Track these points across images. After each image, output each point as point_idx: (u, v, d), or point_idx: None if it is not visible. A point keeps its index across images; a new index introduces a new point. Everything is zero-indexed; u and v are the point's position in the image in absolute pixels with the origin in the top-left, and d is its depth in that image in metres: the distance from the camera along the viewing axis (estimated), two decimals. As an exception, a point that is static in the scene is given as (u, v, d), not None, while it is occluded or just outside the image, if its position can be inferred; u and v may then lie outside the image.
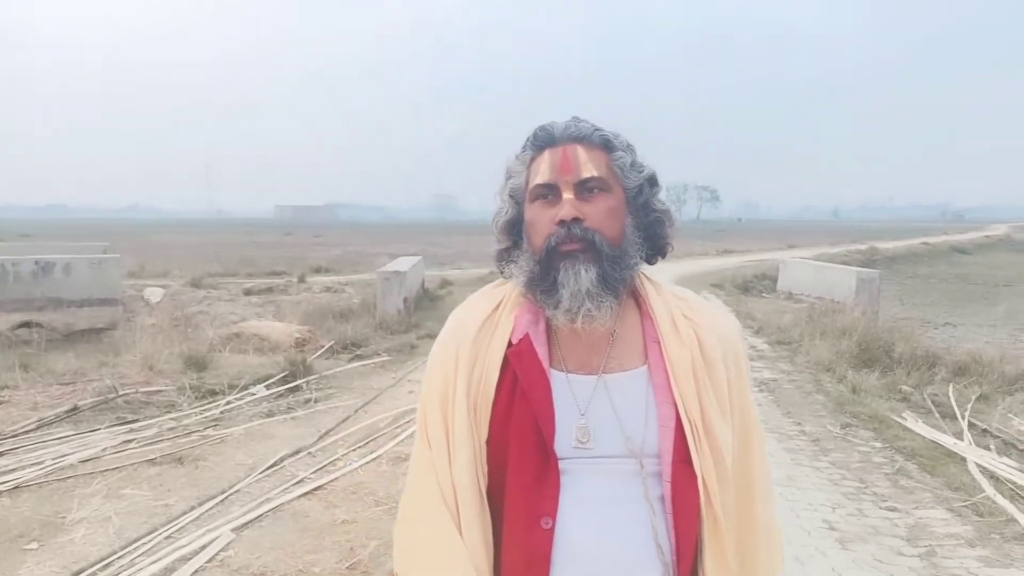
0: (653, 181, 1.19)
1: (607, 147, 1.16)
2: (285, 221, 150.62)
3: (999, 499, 4.41)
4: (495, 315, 1.20)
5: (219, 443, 5.38)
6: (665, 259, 1.25)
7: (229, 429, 5.70)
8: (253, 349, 8.54)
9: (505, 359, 1.15)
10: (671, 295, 1.22)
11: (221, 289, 14.74)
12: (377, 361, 8.54)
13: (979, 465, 4.98)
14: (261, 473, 4.78)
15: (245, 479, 4.67)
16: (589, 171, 1.13)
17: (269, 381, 7.04)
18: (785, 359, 9.02)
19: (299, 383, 7.12)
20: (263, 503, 4.29)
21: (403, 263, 13.23)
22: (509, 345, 1.16)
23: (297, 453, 5.19)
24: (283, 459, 5.04)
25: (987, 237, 53.18)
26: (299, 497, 4.40)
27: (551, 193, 1.14)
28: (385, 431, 5.74)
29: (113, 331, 9.82)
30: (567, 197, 1.12)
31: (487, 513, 1.13)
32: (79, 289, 10.09)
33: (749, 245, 38.97)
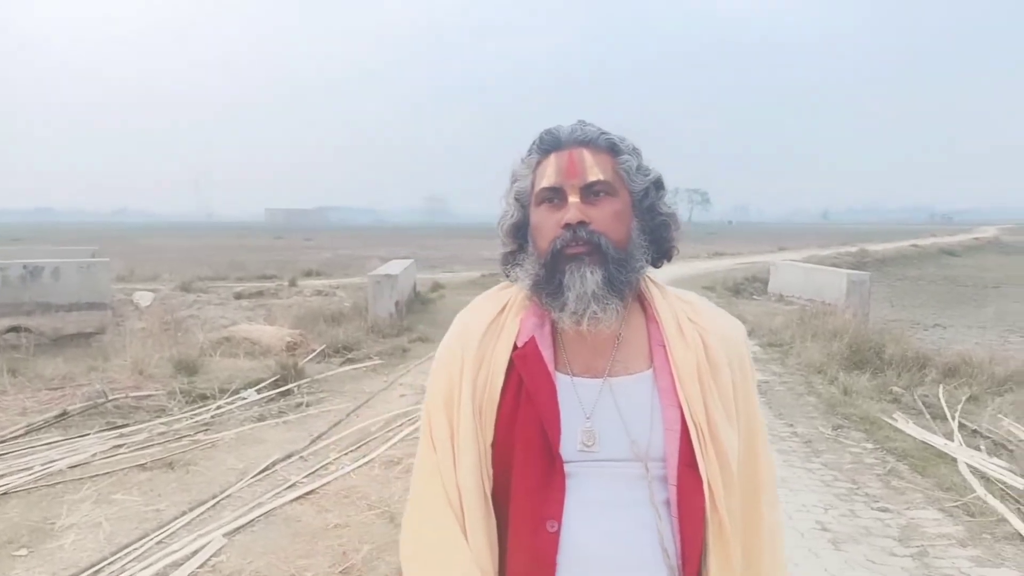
0: (659, 184, 1.19)
1: (613, 151, 1.16)
2: (276, 224, 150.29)
3: (990, 499, 4.44)
4: (500, 318, 1.20)
5: (210, 448, 5.36)
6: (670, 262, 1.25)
7: (220, 433, 5.67)
8: (244, 353, 8.50)
9: (510, 362, 1.15)
10: (676, 298, 1.22)
11: (211, 293, 14.69)
12: (369, 365, 8.51)
13: (969, 465, 5.01)
14: (253, 477, 4.75)
15: (236, 484, 4.64)
16: (595, 175, 1.13)
17: (260, 385, 7.01)
18: (776, 361, 9.05)
19: (290, 387, 7.09)
20: (255, 508, 4.26)
21: (395, 266, 13.20)
22: (514, 348, 1.16)
23: (289, 457, 5.17)
24: (275, 463, 5.02)
25: (976, 239, 53.52)
26: (291, 501, 4.37)
27: (557, 197, 1.14)
28: (377, 435, 5.73)
29: (102, 335, 9.77)
30: (573, 201, 1.12)
31: (492, 516, 1.12)
32: (68, 293, 10.03)
33: (740, 248, 39.11)
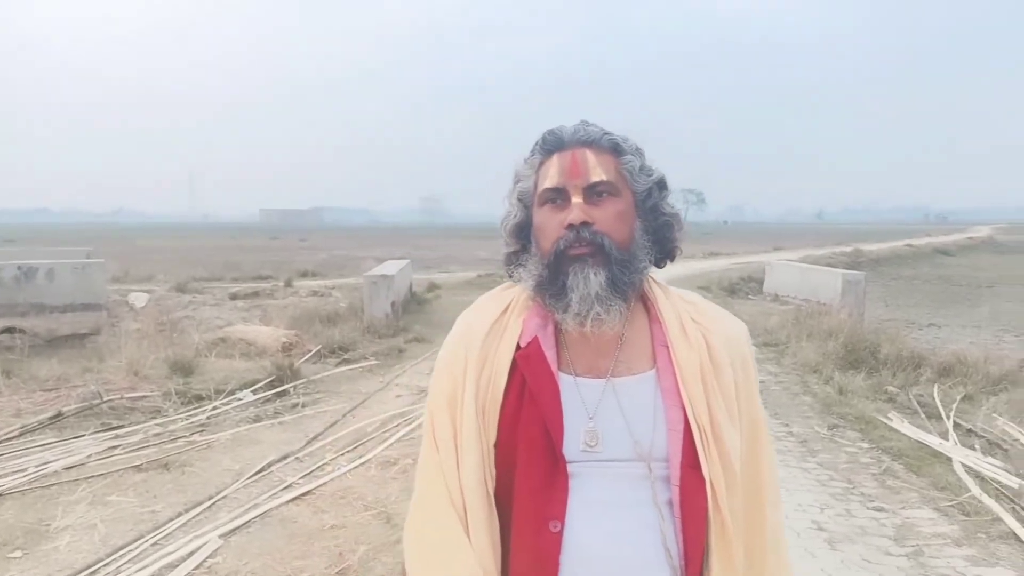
0: (662, 185, 1.20)
1: (616, 151, 1.16)
2: (271, 225, 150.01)
3: (984, 499, 4.45)
4: (504, 318, 1.20)
5: (206, 449, 5.34)
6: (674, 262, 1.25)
7: (216, 434, 5.66)
8: (239, 354, 8.49)
9: (514, 362, 1.15)
10: (679, 298, 1.22)
11: (207, 294, 14.64)
12: (365, 365, 8.51)
13: (964, 465, 5.02)
14: (248, 479, 4.75)
15: (232, 485, 4.63)
16: (598, 175, 1.13)
17: (256, 386, 6.99)
18: (772, 361, 9.07)
19: (286, 388, 7.08)
20: (251, 509, 4.25)
21: (391, 266, 13.19)
22: (518, 348, 1.16)
23: (285, 458, 5.16)
24: (271, 464, 5.01)
25: (970, 239, 53.67)
26: (287, 502, 4.37)
27: (560, 197, 1.14)
28: (373, 435, 5.72)
29: (97, 336, 9.73)
30: (576, 201, 1.12)
31: (495, 516, 1.12)
32: (62, 294, 9.99)
33: (735, 248, 39.16)
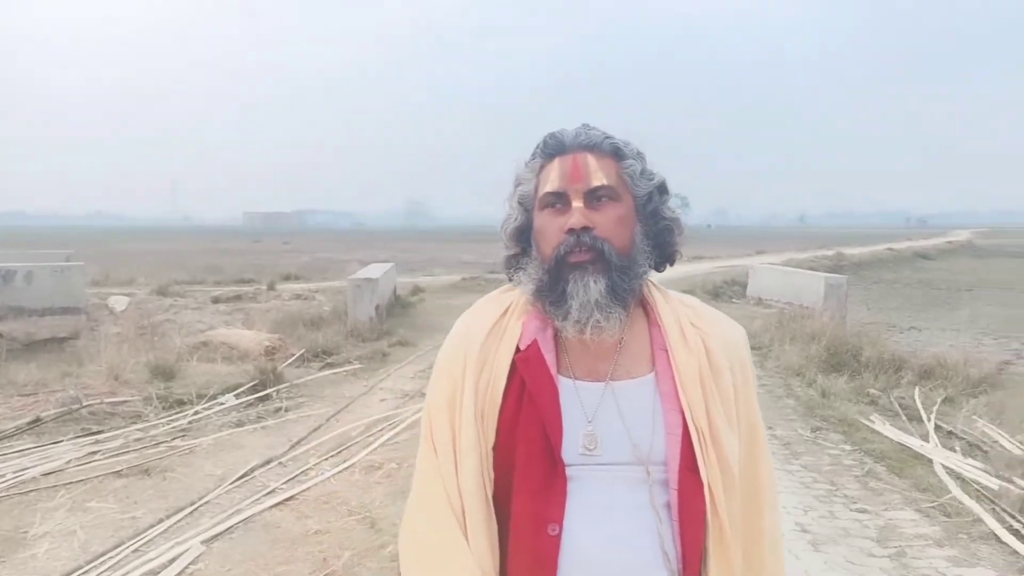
0: (663, 189, 1.20)
1: (617, 155, 1.16)
2: (254, 228, 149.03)
3: (965, 500, 4.49)
4: (503, 320, 1.20)
5: (187, 454, 5.29)
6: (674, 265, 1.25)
7: (198, 439, 5.60)
8: (222, 358, 8.41)
9: (513, 365, 1.15)
10: (678, 303, 1.22)
11: (188, 297, 14.51)
12: (349, 369, 8.46)
13: (945, 466, 5.07)
14: (231, 484, 4.70)
15: (215, 490, 4.59)
16: (599, 179, 1.13)
17: (238, 390, 6.93)
18: (756, 364, 8.96)
19: (269, 392, 7.02)
20: (233, 514, 4.21)
21: (375, 270, 13.13)
22: (517, 351, 1.16)
23: (268, 463, 5.12)
24: (253, 469, 4.96)
25: (949, 243, 54.22)
26: (270, 508, 4.33)
27: (560, 201, 1.14)
28: (357, 440, 5.69)
29: (76, 340, 9.60)
30: (577, 206, 1.12)
31: (493, 519, 1.12)
32: (41, 298, 9.85)
33: (719, 251, 39.36)
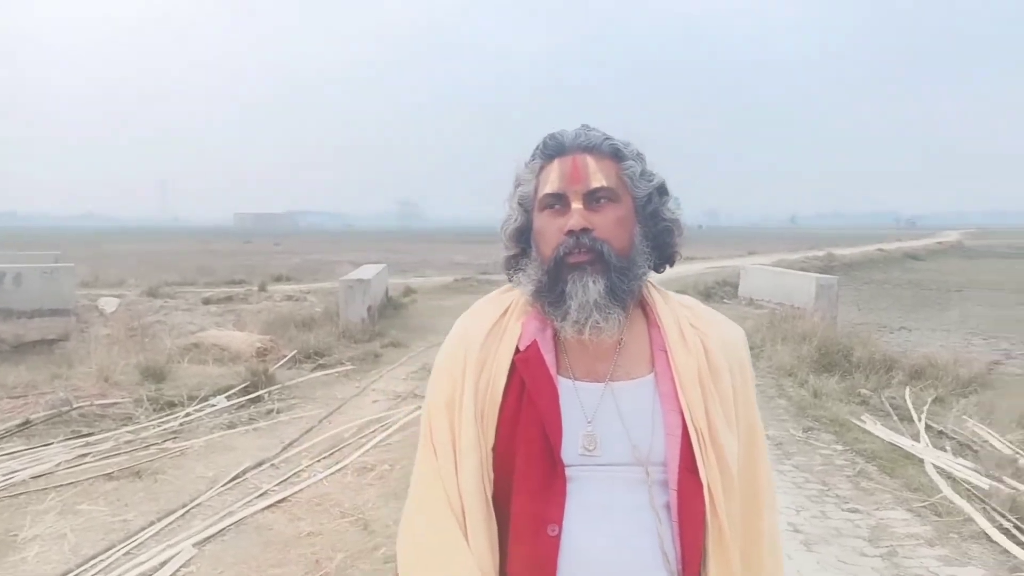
0: (663, 190, 1.20)
1: (617, 156, 1.16)
2: (245, 229, 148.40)
3: (956, 499, 4.52)
4: (502, 321, 1.20)
5: (179, 456, 5.26)
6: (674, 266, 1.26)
7: (189, 441, 5.57)
8: (213, 359, 8.38)
9: (512, 365, 1.15)
10: (677, 304, 1.23)
11: (179, 298, 14.44)
12: (341, 370, 8.45)
13: (936, 466, 5.10)
14: (223, 486, 4.68)
15: (206, 492, 4.57)
16: (598, 181, 1.13)
17: (230, 392, 6.90)
18: (748, 364, 9.13)
19: (261, 393, 7.00)
20: (225, 517, 4.19)
21: (367, 271, 13.11)
22: (516, 352, 1.16)
23: (260, 465, 5.10)
24: (245, 471, 4.95)
25: (939, 244, 54.46)
26: (262, 510, 4.31)
27: (560, 203, 1.14)
28: (350, 441, 5.68)
29: (66, 342, 9.54)
30: (576, 207, 1.12)
31: (493, 520, 1.12)
32: (30, 299, 9.79)
33: (710, 252, 39.43)
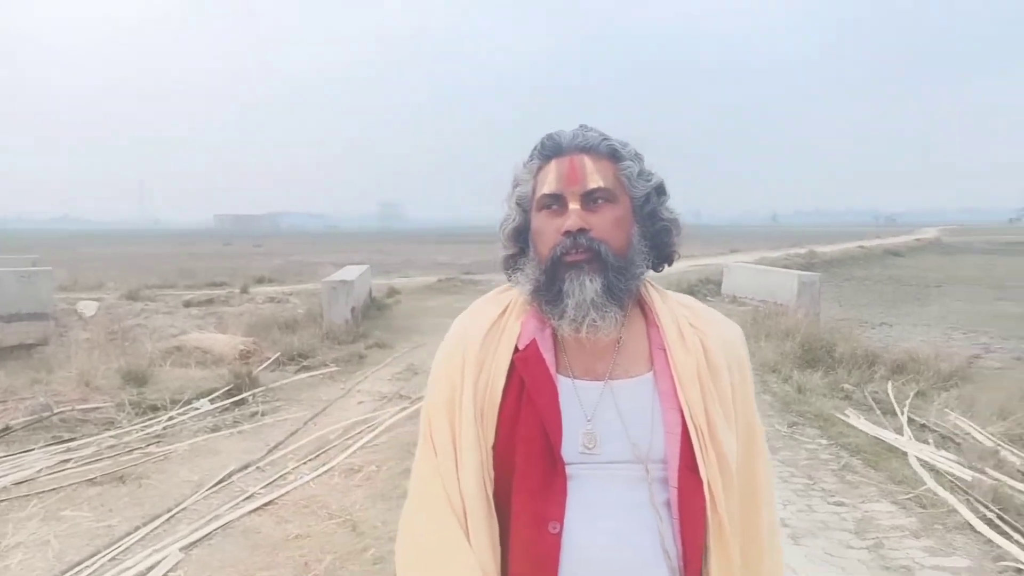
0: (660, 190, 1.20)
1: (614, 157, 1.16)
2: (224, 231, 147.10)
3: (940, 491, 4.56)
4: (501, 320, 1.20)
5: (163, 460, 5.21)
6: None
7: (173, 445, 5.52)
8: (195, 362, 8.30)
9: (512, 364, 1.15)
10: (676, 303, 1.23)
11: (159, 301, 14.26)
12: (325, 372, 8.40)
13: (919, 459, 5.15)
14: (208, 489, 4.64)
15: (192, 496, 4.52)
16: (595, 182, 1.13)
17: (213, 395, 6.84)
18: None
19: (245, 396, 6.95)
20: (212, 520, 4.16)
21: (350, 272, 13.04)
22: (515, 351, 1.16)
23: (246, 468, 5.06)
24: (231, 474, 4.90)
25: (918, 240, 54.99)
26: (249, 513, 4.28)
27: (557, 203, 1.15)
28: (336, 443, 5.65)
29: (45, 347, 9.43)
30: (573, 208, 1.13)
31: (494, 518, 1.12)
32: (7, 304, 9.66)
33: (693, 250, 39.59)
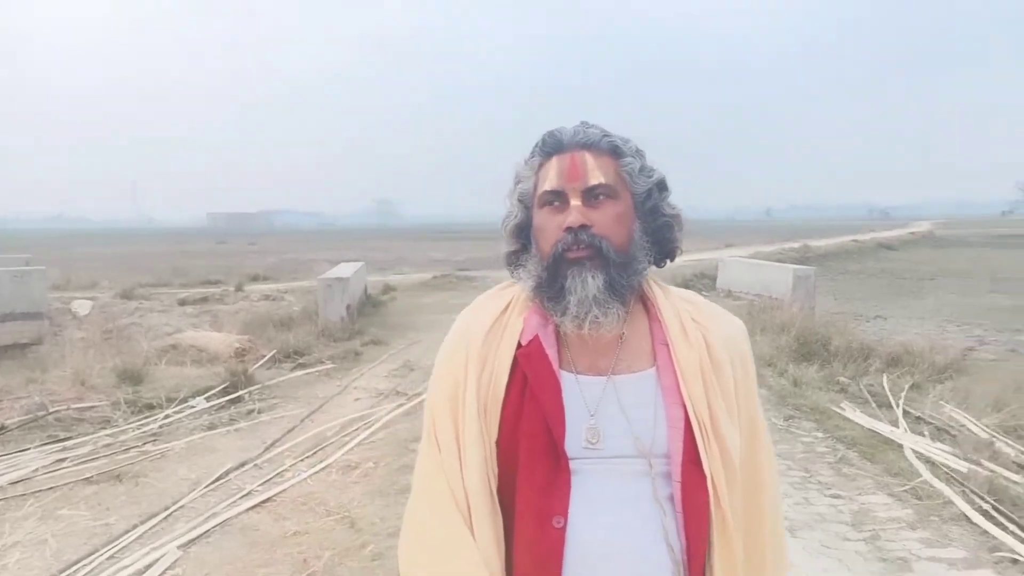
0: (662, 186, 1.20)
1: (615, 153, 1.16)
2: (218, 229, 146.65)
3: (935, 483, 4.59)
4: (504, 316, 1.21)
5: (159, 458, 5.20)
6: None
7: (169, 443, 5.51)
8: (191, 361, 8.28)
9: (515, 360, 1.15)
10: (679, 298, 1.24)
11: (154, 300, 14.23)
12: (321, 369, 8.39)
13: (915, 451, 5.18)
14: (206, 487, 4.63)
15: (189, 494, 4.51)
16: (596, 178, 1.13)
17: (209, 393, 6.83)
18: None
19: (241, 394, 6.93)
20: (209, 518, 4.15)
21: (345, 269, 13.03)
22: (519, 346, 1.16)
23: (243, 465, 5.05)
24: (228, 472, 4.90)
25: (911, 234, 55.12)
26: (247, 510, 4.27)
27: (559, 200, 1.15)
28: (333, 440, 5.64)
29: (39, 346, 9.40)
30: (574, 204, 1.13)
31: (498, 514, 1.13)
32: (0, 303, 9.62)
33: (687, 245, 39.17)
